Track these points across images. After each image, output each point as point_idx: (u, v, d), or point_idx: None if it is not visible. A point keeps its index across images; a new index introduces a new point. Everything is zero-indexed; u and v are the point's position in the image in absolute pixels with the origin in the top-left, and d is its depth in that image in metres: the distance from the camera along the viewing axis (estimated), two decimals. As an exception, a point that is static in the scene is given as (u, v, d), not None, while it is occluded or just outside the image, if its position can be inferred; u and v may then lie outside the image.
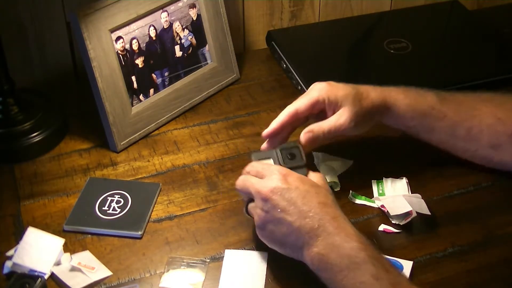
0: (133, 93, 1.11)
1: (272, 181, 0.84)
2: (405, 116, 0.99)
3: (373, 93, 0.98)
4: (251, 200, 0.86)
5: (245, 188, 0.87)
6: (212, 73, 1.22)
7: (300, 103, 0.96)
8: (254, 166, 0.88)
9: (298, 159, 0.90)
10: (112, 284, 0.87)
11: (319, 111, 0.97)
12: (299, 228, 0.81)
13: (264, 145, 0.97)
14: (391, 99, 0.98)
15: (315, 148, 1.03)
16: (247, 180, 0.87)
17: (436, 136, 1.01)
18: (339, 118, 0.95)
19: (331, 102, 0.96)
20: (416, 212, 0.93)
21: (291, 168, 0.88)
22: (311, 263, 0.81)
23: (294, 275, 0.87)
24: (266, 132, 0.96)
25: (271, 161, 0.91)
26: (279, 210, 0.82)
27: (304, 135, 0.94)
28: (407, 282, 0.80)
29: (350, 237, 0.79)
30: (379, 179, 1.01)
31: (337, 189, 1.00)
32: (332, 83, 0.98)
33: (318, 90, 0.96)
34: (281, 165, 0.90)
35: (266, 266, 0.88)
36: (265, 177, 0.85)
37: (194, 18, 1.18)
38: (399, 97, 0.99)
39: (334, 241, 0.79)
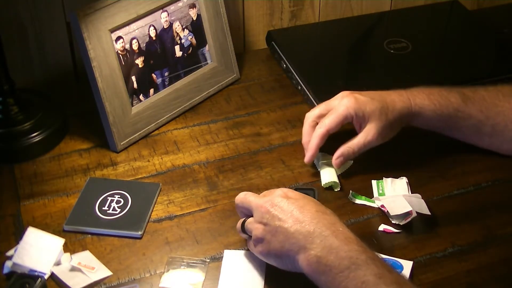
0: (133, 93, 1.11)
1: (273, 196, 0.84)
2: (431, 121, 1.02)
3: (399, 104, 1.00)
4: (248, 217, 0.86)
5: (245, 203, 0.87)
6: (212, 73, 1.22)
7: (331, 123, 0.99)
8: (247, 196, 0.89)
9: None
10: (112, 284, 0.87)
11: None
12: (295, 232, 0.80)
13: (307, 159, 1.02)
14: (416, 107, 1.01)
15: None
16: (248, 195, 0.87)
17: (461, 134, 1.04)
18: (367, 136, 0.99)
19: (358, 118, 0.99)
20: (416, 212, 0.93)
21: None
22: (309, 267, 0.79)
23: (294, 276, 0.87)
24: (307, 159, 1.01)
25: None
26: (277, 220, 0.81)
27: (336, 162, 1.00)
28: (411, 283, 0.80)
29: (349, 240, 0.79)
30: (379, 179, 1.01)
31: (337, 189, 1.00)
32: (357, 96, 1.00)
33: (346, 107, 0.98)
34: None
35: (265, 266, 0.88)
36: (267, 196, 0.85)
37: (194, 18, 1.18)
38: (425, 103, 1.01)
39: (332, 243, 0.78)
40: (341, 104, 0.99)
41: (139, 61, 1.11)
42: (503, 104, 1.02)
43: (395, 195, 0.97)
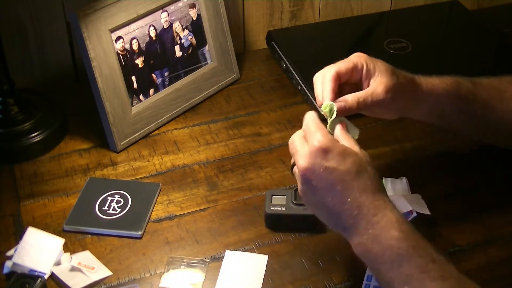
0: (133, 93, 1.11)
1: (311, 156, 0.77)
2: (441, 100, 0.94)
3: (410, 75, 0.93)
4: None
5: (291, 151, 0.82)
6: (212, 73, 1.22)
7: (340, 66, 0.89)
8: (305, 122, 0.82)
9: None
10: (112, 284, 0.87)
11: (355, 81, 0.91)
12: (339, 214, 0.77)
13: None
14: (428, 85, 0.93)
15: None
16: (292, 143, 0.81)
17: (472, 119, 0.97)
18: (376, 88, 0.88)
19: (369, 70, 0.90)
20: (416, 212, 0.93)
21: (300, 205, 0.92)
22: (356, 251, 0.77)
23: (293, 278, 0.87)
24: (320, 99, 0.88)
25: (284, 198, 0.94)
26: (317, 192, 0.77)
27: (337, 104, 0.86)
28: (456, 271, 0.75)
29: (391, 225, 0.75)
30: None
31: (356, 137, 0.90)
32: (370, 56, 0.92)
33: (357, 57, 0.91)
34: (292, 202, 0.93)
35: (265, 268, 0.88)
36: (308, 141, 0.79)
37: (194, 18, 1.18)
38: (435, 82, 0.94)
39: (375, 231, 0.75)
40: (353, 55, 0.91)
41: (139, 61, 1.11)
42: (510, 89, 0.97)
43: (395, 195, 0.97)
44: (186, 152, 1.09)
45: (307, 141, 0.80)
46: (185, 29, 1.17)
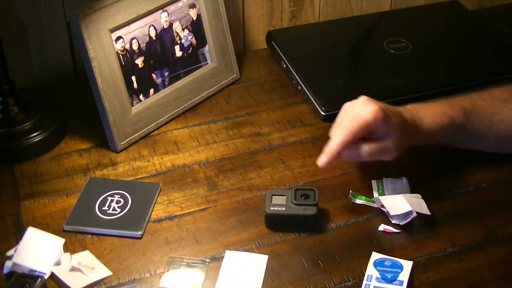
0: (133, 93, 1.11)
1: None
2: (436, 139, 1.01)
3: (416, 124, 0.97)
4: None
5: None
6: (212, 73, 1.22)
7: (357, 130, 0.93)
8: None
9: (311, 199, 0.94)
10: (112, 284, 0.87)
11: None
12: None
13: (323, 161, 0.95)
14: (425, 129, 0.98)
15: None
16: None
17: (464, 144, 1.03)
18: (387, 146, 0.95)
19: (382, 132, 0.95)
20: (416, 212, 0.93)
21: (300, 205, 0.92)
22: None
23: (293, 278, 0.87)
24: (322, 162, 0.94)
25: (284, 198, 0.94)
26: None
27: (343, 155, 0.95)
28: None
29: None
30: (379, 179, 1.01)
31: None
32: (382, 106, 0.94)
33: (373, 118, 0.93)
34: (292, 202, 0.93)
35: (265, 268, 0.88)
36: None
37: (194, 18, 1.18)
38: (432, 126, 0.98)
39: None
40: (369, 111, 0.93)
41: (139, 61, 1.11)
42: (502, 111, 1.01)
43: (395, 195, 0.97)
44: (186, 152, 1.09)
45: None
46: (185, 29, 1.17)
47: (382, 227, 0.94)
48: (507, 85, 1.05)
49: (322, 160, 0.94)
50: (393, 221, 0.95)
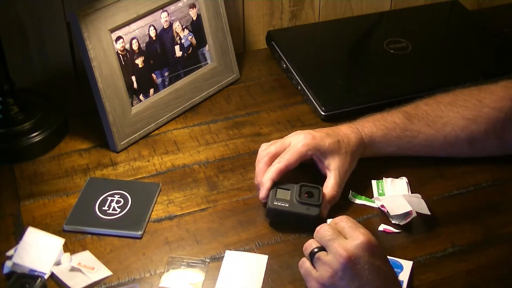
0: (133, 93, 1.11)
1: (357, 250, 0.79)
2: (382, 147, 1.02)
3: (352, 136, 0.99)
4: (322, 249, 0.82)
5: (324, 241, 0.83)
6: (212, 73, 1.22)
7: (291, 159, 0.95)
8: (343, 221, 0.84)
9: (315, 199, 0.93)
10: (112, 284, 0.87)
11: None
12: None
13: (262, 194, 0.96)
14: (367, 137, 1.00)
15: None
16: (325, 231, 0.83)
17: (415, 151, 1.03)
18: (336, 175, 0.96)
19: (318, 155, 0.97)
20: (416, 212, 0.93)
21: (304, 204, 0.92)
22: None
23: (293, 278, 0.87)
24: (263, 194, 0.95)
25: (289, 193, 0.94)
26: (354, 282, 0.79)
27: (324, 211, 0.95)
28: None
29: None
30: (379, 179, 1.01)
31: None
32: (313, 133, 0.97)
33: (305, 144, 0.96)
34: (296, 199, 0.93)
35: (265, 268, 0.88)
36: (352, 234, 0.81)
37: (194, 18, 1.18)
38: (373, 130, 1.01)
39: None
40: (299, 141, 0.96)
41: (139, 61, 1.11)
42: (447, 114, 1.02)
43: (395, 195, 0.97)
44: (186, 152, 1.09)
45: (342, 233, 0.83)
46: (185, 29, 1.17)
47: (382, 227, 0.94)
48: (456, 88, 1.06)
49: (262, 191, 0.95)
50: (393, 221, 0.95)
